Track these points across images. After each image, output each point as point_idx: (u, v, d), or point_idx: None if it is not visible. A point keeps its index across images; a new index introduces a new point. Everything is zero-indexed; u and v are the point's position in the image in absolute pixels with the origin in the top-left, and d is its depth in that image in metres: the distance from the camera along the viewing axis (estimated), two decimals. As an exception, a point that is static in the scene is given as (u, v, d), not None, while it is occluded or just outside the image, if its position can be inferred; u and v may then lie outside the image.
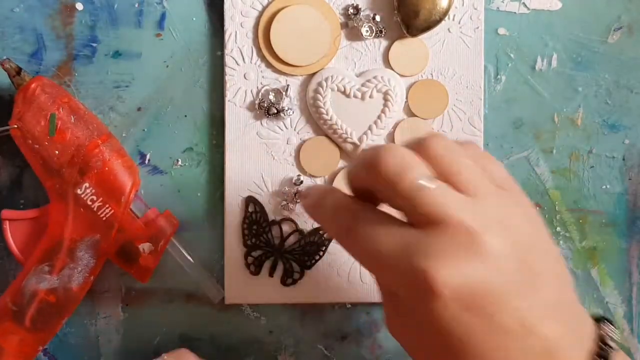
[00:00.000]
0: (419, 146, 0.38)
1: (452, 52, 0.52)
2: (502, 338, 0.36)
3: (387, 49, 0.52)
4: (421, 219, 0.36)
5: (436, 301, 0.35)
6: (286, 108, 0.51)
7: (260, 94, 0.52)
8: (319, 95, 0.51)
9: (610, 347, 0.38)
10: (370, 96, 0.51)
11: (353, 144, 0.52)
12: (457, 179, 0.37)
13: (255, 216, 0.52)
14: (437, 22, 0.51)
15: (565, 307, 0.38)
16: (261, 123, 0.52)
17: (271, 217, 0.52)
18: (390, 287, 0.38)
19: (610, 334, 0.39)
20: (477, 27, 0.52)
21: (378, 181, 0.37)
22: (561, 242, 0.53)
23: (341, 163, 0.52)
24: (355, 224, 0.38)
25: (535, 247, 0.38)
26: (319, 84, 0.51)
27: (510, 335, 0.36)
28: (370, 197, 0.40)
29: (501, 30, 0.53)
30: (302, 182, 0.52)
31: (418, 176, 0.36)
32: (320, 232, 0.52)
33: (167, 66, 0.52)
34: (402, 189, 0.36)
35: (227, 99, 0.52)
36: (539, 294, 0.37)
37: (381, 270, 0.38)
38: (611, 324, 0.40)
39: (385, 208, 0.39)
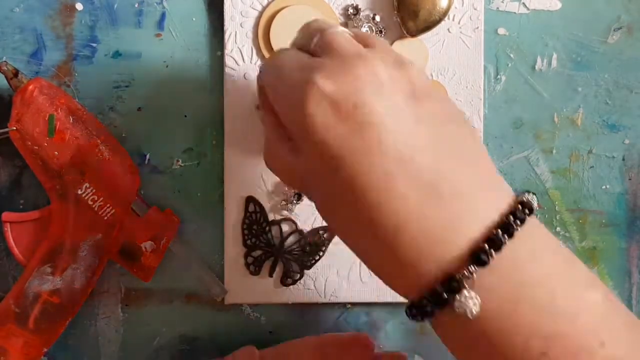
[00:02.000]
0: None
1: (452, 52, 0.52)
2: (380, 158, 0.35)
3: (387, 49, 0.52)
4: (322, 50, 0.39)
5: (309, 98, 0.36)
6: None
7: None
8: (318, 96, 0.51)
9: (527, 210, 0.36)
10: (370, 96, 0.51)
11: (353, 144, 0.51)
12: (367, 41, 0.39)
13: (255, 216, 0.52)
14: (437, 22, 0.51)
15: (472, 160, 0.37)
16: (261, 123, 0.52)
17: (271, 217, 0.52)
18: (283, 108, 0.39)
19: (532, 200, 0.37)
20: (477, 27, 0.52)
21: (303, 38, 0.41)
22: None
23: (341, 163, 0.52)
24: (277, 64, 0.40)
25: (434, 96, 0.38)
26: (319, 85, 0.51)
27: (388, 156, 0.35)
28: None
29: (501, 30, 0.52)
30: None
31: (332, 25, 0.40)
32: (321, 232, 0.52)
33: (167, 66, 0.52)
34: (315, 32, 0.40)
35: (226, 99, 0.52)
36: (431, 131, 0.36)
37: (279, 89, 0.39)
38: (535, 196, 0.38)
39: None
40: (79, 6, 0.52)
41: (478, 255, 0.34)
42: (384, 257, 0.37)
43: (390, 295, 0.52)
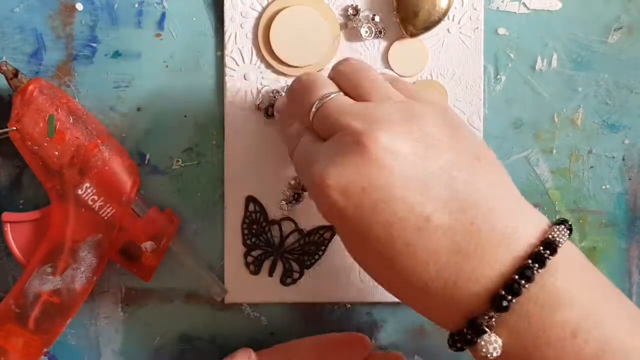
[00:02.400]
0: (332, 69, 0.42)
1: (452, 52, 0.52)
2: (398, 230, 0.37)
3: (387, 49, 0.52)
4: (324, 132, 0.40)
5: (328, 201, 0.37)
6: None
7: (260, 94, 0.52)
8: (318, 96, 0.51)
9: (549, 251, 0.36)
10: (370, 97, 0.51)
11: (352, 144, 0.51)
12: (359, 90, 0.40)
13: (255, 216, 0.52)
14: (437, 22, 0.51)
15: (489, 201, 0.37)
16: (261, 123, 0.52)
17: (271, 216, 0.52)
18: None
19: (558, 237, 0.37)
20: (477, 28, 0.52)
21: (294, 104, 0.42)
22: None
23: (341, 163, 0.52)
24: (295, 144, 0.42)
25: (443, 142, 0.38)
26: (319, 85, 0.51)
27: (404, 227, 0.37)
28: None
29: (501, 31, 0.52)
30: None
31: (323, 92, 0.40)
32: (320, 232, 0.52)
33: (167, 66, 0.52)
34: (309, 104, 0.40)
35: (226, 99, 0.52)
36: (443, 187, 0.37)
37: (305, 184, 0.42)
38: (567, 227, 0.38)
39: None
40: (79, 6, 0.52)
41: (496, 302, 0.36)
42: (419, 302, 0.40)
43: (390, 295, 0.52)
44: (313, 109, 0.40)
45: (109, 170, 0.49)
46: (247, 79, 0.52)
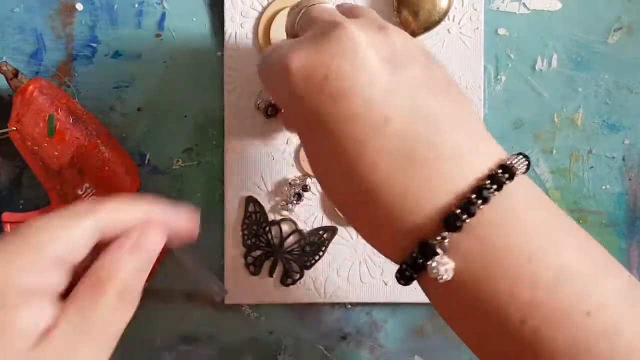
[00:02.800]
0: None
1: (452, 52, 0.52)
2: (352, 125, 0.35)
3: (387, 49, 0.52)
4: (304, 29, 0.39)
5: (288, 82, 0.36)
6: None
7: (260, 94, 0.52)
8: (318, 96, 0.51)
9: (507, 174, 0.35)
10: (370, 97, 0.51)
11: (353, 144, 0.51)
12: (353, 12, 0.40)
13: (255, 216, 0.52)
14: (437, 22, 0.51)
15: (453, 122, 0.36)
16: (261, 123, 0.52)
17: (271, 217, 0.52)
18: (270, 87, 0.40)
19: (516, 164, 0.36)
20: (477, 28, 0.52)
21: (291, 15, 0.42)
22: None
23: (341, 163, 0.52)
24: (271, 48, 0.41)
25: (418, 61, 0.37)
26: (319, 85, 0.51)
27: (360, 123, 0.35)
28: None
29: (501, 31, 0.52)
30: (306, 186, 0.52)
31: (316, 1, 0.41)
32: (320, 232, 0.52)
33: (167, 66, 0.52)
34: (300, 7, 0.41)
35: (226, 99, 0.52)
36: (409, 96, 0.35)
37: (264, 74, 0.40)
38: (527, 160, 0.36)
39: None
40: (79, 6, 0.52)
41: (450, 221, 0.34)
42: (363, 217, 0.37)
43: (390, 295, 0.52)
44: (303, 9, 0.41)
45: (109, 171, 0.49)
46: (247, 79, 0.52)
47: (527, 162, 0.36)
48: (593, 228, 0.54)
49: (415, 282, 0.37)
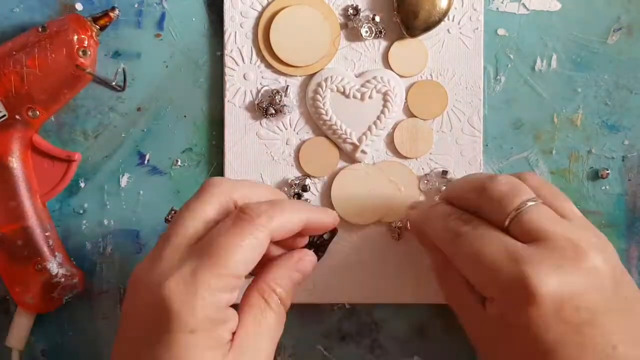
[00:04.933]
0: (520, 176, 0.43)
1: (452, 52, 0.52)
2: (587, 354, 0.38)
3: (387, 49, 0.52)
4: (526, 235, 0.40)
5: (534, 307, 0.37)
6: (285, 105, 0.51)
7: (259, 94, 0.52)
8: (318, 96, 0.51)
9: None
10: (370, 97, 0.51)
11: (352, 144, 0.52)
12: (556, 203, 0.42)
13: (254, 216, 0.52)
14: (437, 22, 0.51)
15: None
16: (260, 123, 0.52)
17: (271, 217, 0.52)
18: (486, 292, 0.41)
19: None
20: (477, 28, 0.52)
21: (488, 202, 0.42)
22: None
23: (340, 163, 0.52)
24: (464, 230, 0.42)
25: (625, 275, 0.41)
26: (319, 85, 0.51)
27: (595, 351, 0.38)
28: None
29: (501, 31, 0.53)
30: (306, 186, 0.52)
31: (525, 197, 0.41)
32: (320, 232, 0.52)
33: (167, 66, 0.52)
34: (510, 206, 0.41)
35: (226, 99, 0.52)
36: (627, 318, 0.39)
37: (481, 274, 0.41)
38: None
39: None
40: (79, 6, 0.52)
41: None
42: None
43: (390, 295, 0.52)
44: (517, 210, 0.40)
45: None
46: (247, 78, 0.52)
47: None
48: (593, 228, 0.54)
49: (414, 281, 0.40)
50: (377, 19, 0.51)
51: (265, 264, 0.43)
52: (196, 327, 0.37)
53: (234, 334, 0.40)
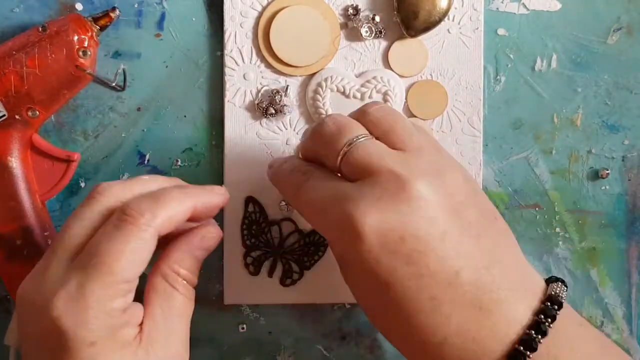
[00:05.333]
0: (358, 112, 0.42)
1: (452, 52, 0.52)
2: (427, 282, 0.37)
3: (387, 49, 0.52)
4: (354, 173, 0.39)
5: (361, 244, 0.37)
6: (285, 105, 0.51)
7: (259, 94, 0.52)
8: (318, 96, 0.51)
9: (556, 306, 0.38)
10: (370, 97, 0.51)
11: (352, 144, 0.52)
12: (391, 137, 0.40)
13: (254, 216, 0.52)
14: (437, 22, 0.51)
15: (505, 260, 0.39)
16: (260, 123, 0.52)
17: (271, 217, 0.52)
18: (326, 237, 0.41)
19: (560, 293, 0.39)
20: (477, 28, 0.52)
21: (320, 146, 0.41)
22: (560, 242, 0.53)
23: (341, 163, 0.52)
24: (303, 180, 0.41)
25: (470, 200, 0.39)
26: (319, 85, 0.51)
27: (435, 280, 0.37)
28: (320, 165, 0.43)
29: (501, 31, 0.53)
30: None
31: (352, 135, 0.40)
32: (320, 232, 0.52)
33: (167, 66, 0.52)
34: (338, 147, 0.40)
35: (226, 99, 0.52)
36: (471, 243, 0.38)
37: (319, 221, 0.41)
38: (564, 285, 0.40)
39: None
40: (79, 6, 0.52)
41: (516, 358, 0.37)
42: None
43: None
44: (344, 148, 0.40)
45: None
46: (247, 78, 0.52)
47: (565, 288, 0.40)
48: (592, 228, 0.54)
49: None
50: (377, 19, 0.51)
51: (169, 241, 0.42)
52: (95, 339, 0.36)
53: (142, 324, 0.39)
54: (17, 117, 0.49)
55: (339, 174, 0.41)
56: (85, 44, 0.49)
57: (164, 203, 0.39)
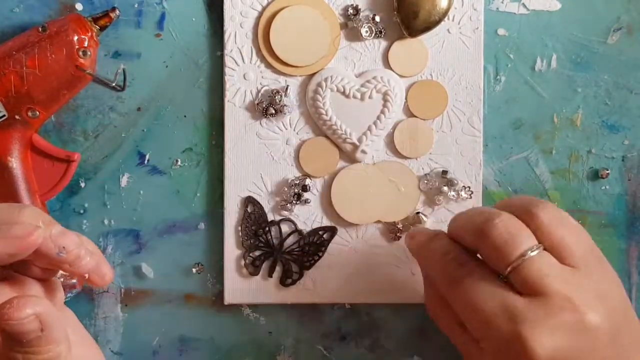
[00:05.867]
0: (525, 212, 0.41)
1: (452, 52, 0.52)
2: None
3: (387, 49, 0.52)
4: (524, 288, 0.39)
5: None
6: (285, 105, 0.51)
7: (259, 94, 0.52)
8: (318, 96, 0.51)
9: None
10: (370, 97, 0.51)
11: (352, 144, 0.52)
12: (562, 251, 0.40)
13: (254, 216, 0.52)
14: (437, 22, 0.51)
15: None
16: (260, 123, 0.52)
17: (270, 217, 0.52)
18: (481, 343, 0.41)
19: None
20: (477, 28, 0.52)
21: (487, 249, 0.41)
22: None
23: (340, 163, 0.52)
24: (461, 275, 0.41)
25: (624, 320, 0.41)
26: (319, 85, 0.51)
27: None
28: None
29: (501, 31, 0.53)
30: (306, 186, 0.52)
31: (524, 247, 0.40)
32: (320, 232, 0.52)
33: (167, 66, 0.52)
34: (510, 258, 0.40)
35: (226, 99, 0.52)
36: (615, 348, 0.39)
37: (477, 326, 0.40)
38: None
39: None
40: (79, 6, 0.52)
41: None
42: None
43: (390, 295, 0.52)
44: (516, 261, 0.40)
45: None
46: (247, 78, 0.52)
47: None
48: (592, 228, 0.53)
49: (413, 281, 0.39)
50: (377, 19, 0.51)
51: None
52: None
53: None
54: (17, 117, 0.49)
55: (500, 276, 0.41)
56: (85, 44, 0.49)
57: None
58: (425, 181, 0.52)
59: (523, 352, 0.38)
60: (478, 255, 0.43)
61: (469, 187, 0.52)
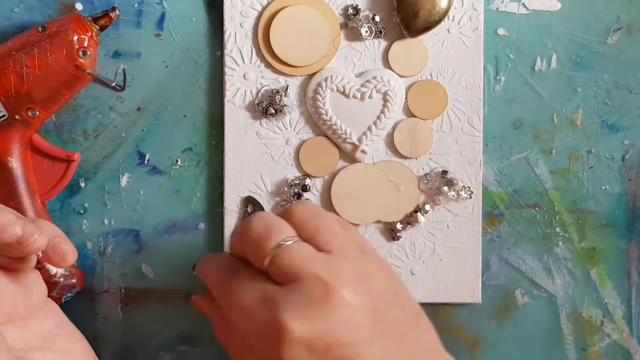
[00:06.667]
0: (285, 212, 0.42)
1: (452, 52, 0.52)
2: None
3: (387, 49, 0.52)
4: (282, 276, 0.39)
5: (286, 349, 0.37)
6: (285, 105, 0.51)
7: (259, 94, 0.52)
8: (318, 96, 0.51)
9: None
10: (370, 96, 0.51)
11: (352, 144, 0.52)
12: (317, 239, 0.41)
13: (254, 216, 0.52)
14: (437, 22, 0.51)
15: (426, 356, 0.40)
16: (260, 123, 0.52)
17: (270, 217, 0.52)
18: (249, 340, 0.40)
19: None
20: (477, 28, 0.52)
21: (248, 246, 0.41)
22: (560, 243, 0.53)
23: (340, 163, 0.52)
24: (229, 279, 0.41)
25: (393, 300, 0.40)
26: (319, 85, 0.51)
27: None
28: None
29: (500, 31, 0.53)
30: (306, 186, 0.52)
31: (280, 237, 0.40)
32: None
33: (167, 66, 0.52)
34: (266, 249, 0.40)
35: (226, 99, 0.52)
36: (396, 344, 0.39)
37: (243, 324, 0.40)
38: None
39: None
40: (79, 6, 0.52)
41: None
42: None
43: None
44: (272, 251, 0.40)
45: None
46: (247, 78, 0.52)
47: None
48: (592, 229, 0.54)
49: (413, 281, 0.40)
50: (377, 18, 0.51)
51: None
52: None
53: None
54: (17, 117, 0.49)
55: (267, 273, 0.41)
56: (85, 44, 0.49)
57: None
58: (425, 181, 0.52)
59: (281, 336, 0.37)
60: None
61: (469, 187, 0.52)
